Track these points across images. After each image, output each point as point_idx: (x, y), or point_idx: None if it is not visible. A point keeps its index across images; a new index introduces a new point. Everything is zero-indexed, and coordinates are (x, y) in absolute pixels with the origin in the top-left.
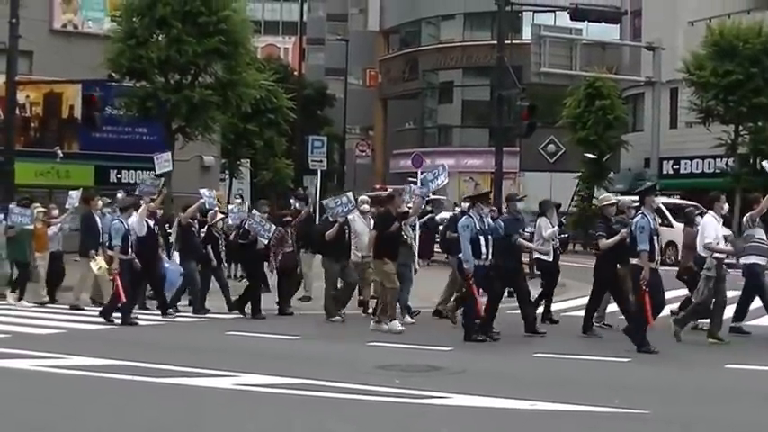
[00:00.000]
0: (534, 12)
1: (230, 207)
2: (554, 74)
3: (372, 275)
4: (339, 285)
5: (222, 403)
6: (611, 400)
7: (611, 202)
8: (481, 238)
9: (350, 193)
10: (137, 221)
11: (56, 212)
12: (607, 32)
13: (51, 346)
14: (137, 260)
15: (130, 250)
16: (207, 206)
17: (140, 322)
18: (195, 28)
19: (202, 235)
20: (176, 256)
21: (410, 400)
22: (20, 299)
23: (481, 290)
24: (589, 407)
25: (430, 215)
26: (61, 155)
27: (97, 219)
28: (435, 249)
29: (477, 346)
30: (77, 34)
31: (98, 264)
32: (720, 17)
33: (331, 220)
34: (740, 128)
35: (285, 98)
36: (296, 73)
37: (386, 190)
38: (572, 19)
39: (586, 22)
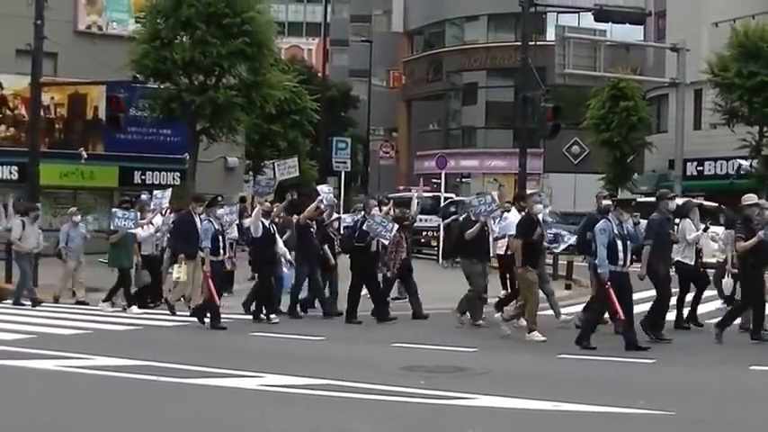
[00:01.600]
0: (558, 13)
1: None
2: (578, 75)
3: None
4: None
5: (247, 404)
6: (635, 402)
7: (752, 201)
8: (619, 242)
9: (495, 192)
10: (252, 222)
11: (154, 216)
12: (631, 33)
13: (76, 346)
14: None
15: (221, 252)
16: (325, 203)
17: (166, 323)
18: (219, 29)
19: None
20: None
21: (435, 401)
22: (129, 305)
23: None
24: (613, 408)
25: (453, 217)
26: (86, 156)
27: (197, 221)
28: None
29: (501, 347)
30: (102, 36)
31: (181, 270)
32: (745, 18)
33: (473, 219)
34: (765, 129)
35: (309, 99)
36: (320, 74)
37: (409, 191)
38: (596, 20)
39: (610, 23)
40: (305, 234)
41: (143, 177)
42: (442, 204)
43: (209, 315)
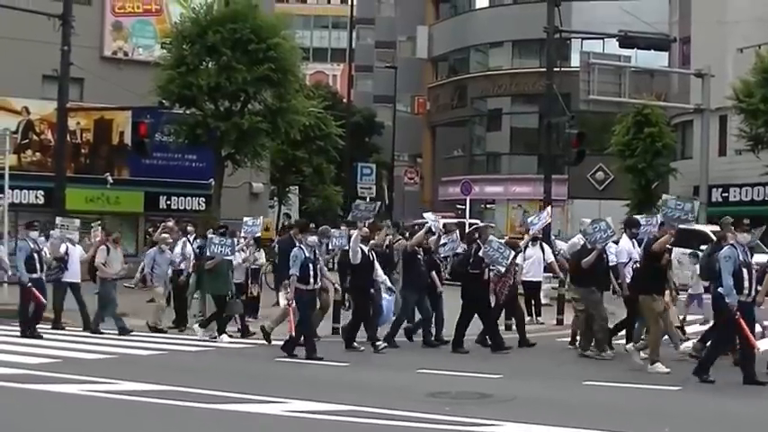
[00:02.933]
0: (583, 39)
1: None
2: (603, 101)
3: (578, 306)
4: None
5: (271, 429)
6: (660, 429)
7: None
8: (744, 270)
9: (609, 219)
10: (351, 249)
11: (246, 243)
12: (656, 59)
13: (101, 371)
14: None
15: (311, 280)
16: (434, 230)
17: (191, 348)
18: (245, 55)
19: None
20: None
21: (461, 428)
22: (221, 333)
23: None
24: None
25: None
26: (111, 181)
27: (303, 249)
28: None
29: (526, 374)
30: (127, 61)
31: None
32: None
33: (589, 247)
34: None
35: (334, 125)
36: (344, 100)
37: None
38: (621, 46)
39: (635, 49)
40: (413, 261)
41: (168, 203)
42: (467, 231)
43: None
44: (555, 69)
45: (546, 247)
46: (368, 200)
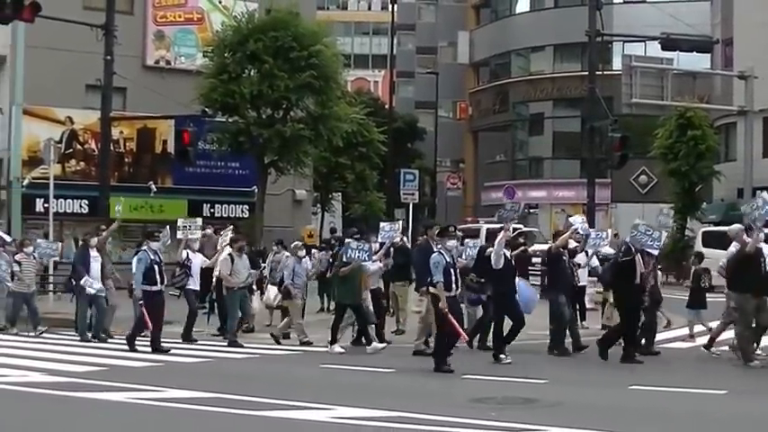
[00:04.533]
0: (624, 42)
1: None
2: (645, 104)
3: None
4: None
5: None
6: None
7: None
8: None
9: (765, 194)
10: (494, 252)
11: (375, 246)
12: (698, 62)
13: (148, 378)
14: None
15: (453, 286)
16: (581, 232)
17: (237, 355)
18: (287, 63)
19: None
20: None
21: None
22: (333, 342)
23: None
24: None
25: (522, 248)
26: (155, 189)
27: (443, 254)
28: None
29: (571, 379)
30: (170, 70)
31: (422, 303)
32: None
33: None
34: None
35: (376, 131)
36: (386, 106)
37: (477, 222)
38: (663, 49)
39: (677, 51)
40: (557, 262)
41: (212, 210)
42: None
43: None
44: (597, 73)
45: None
46: (411, 206)
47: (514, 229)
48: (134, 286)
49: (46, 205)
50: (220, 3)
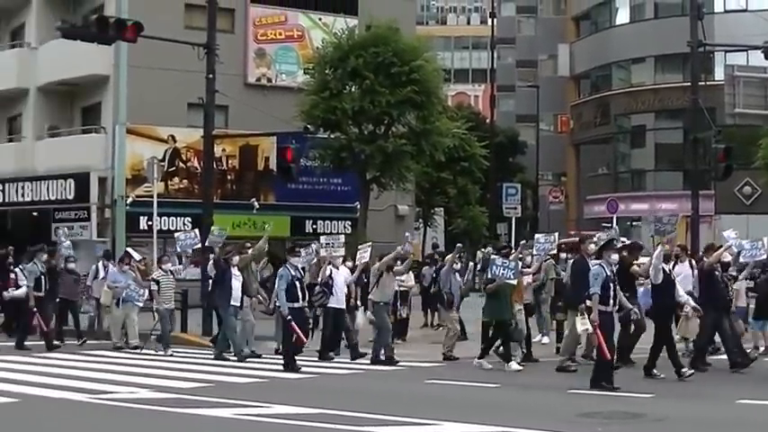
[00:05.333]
0: (726, 52)
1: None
2: (748, 114)
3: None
4: None
5: None
6: None
7: None
8: None
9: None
10: (653, 266)
11: (528, 259)
12: None
13: (253, 394)
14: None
15: (611, 301)
16: (735, 248)
17: (341, 371)
18: (388, 78)
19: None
20: None
21: None
22: (508, 360)
23: None
24: None
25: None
26: (257, 206)
27: (604, 267)
28: None
29: (677, 393)
30: (271, 87)
31: (585, 322)
32: None
33: None
34: None
35: (478, 146)
36: (487, 120)
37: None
38: (766, 58)
39: None
40: (711, 278)
41: (314, 227)
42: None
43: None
44: (699, 83)
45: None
46: (513, 220)
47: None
48: (278, 304)
49: (149, 223)
50: (320, 20)
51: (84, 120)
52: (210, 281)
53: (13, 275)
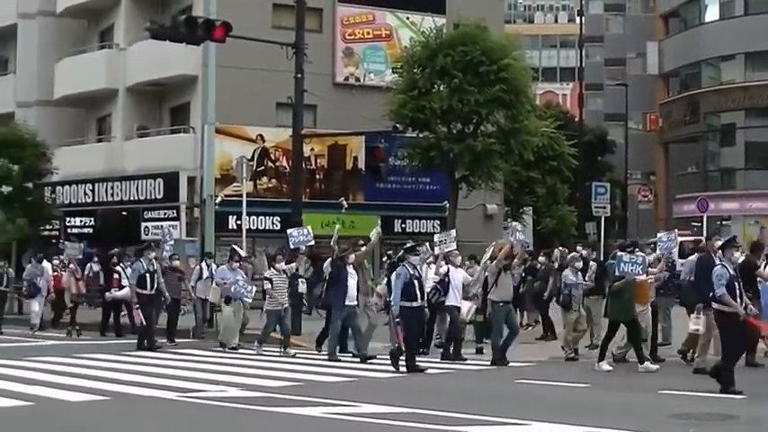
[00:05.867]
0: None
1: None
2: None
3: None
4: None
5: None
6: None
7: None
8: None
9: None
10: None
11: (650, 258)
12: None
13: (343, 393)
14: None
15: (738, 300)
16: None
17: (431, 371)
18: (476, 77)
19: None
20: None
21: None
22: (642, 361)
23: None
24: None
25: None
26: (346, 205)
27: (727, 267)
28: None
29: None
30: (359, 87)
31: (699, 321)
32: None
33: None
34: None
35: (566, 145)
36: (575, 119)
37: None
38: None
39: None
40: None
41: (403, 226)
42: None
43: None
44: None
45: None
46: (602, 220)
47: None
48: (392, 303)
49: (238, 222)
50: (408, 19)
51: (172, 120)
52: (325, 280)
53: (116, 275)
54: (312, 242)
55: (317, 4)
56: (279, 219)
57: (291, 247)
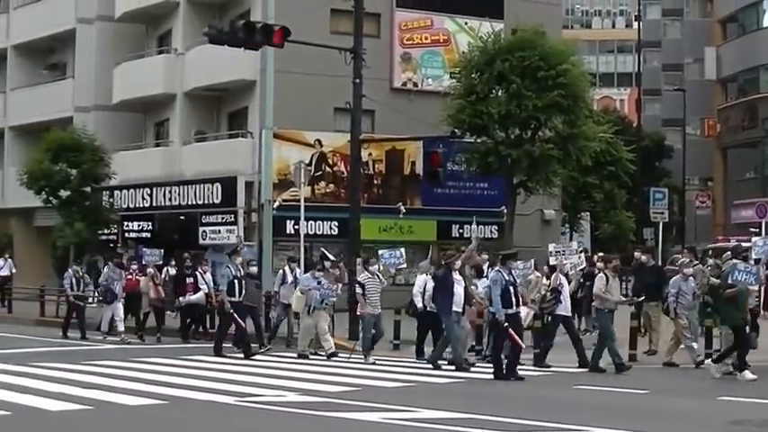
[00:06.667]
0: None
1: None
2: None
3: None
4: None
5: None
6: None
7: None
8: None
9: None
10: None
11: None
12: None
13: (401, 399)
14: None
15: None
16: None
17: (490, 376)
18: (534, 82)
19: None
20: None
21: None
22: (743, 368)
23: None
24: None
25: None
26: (404, 210)
27: None
28: None
29: None
30: (417, 92)
31: None
32: None
33: None
34: None
35: (624, 150)
36: (633, 125)
37: (728, 241)
38: None
39: None
40: None
41: (461, 231)
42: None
43: None
44: None
45: None
46: (660, 225)
47: None
48: (493, 309)
49: (296, 227)
50: (466, 24)
51: (230, 125)
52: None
53: (191, 279)
54: (404, 265)
55: (376, 10)
56: (336, 224)
57: (381, 268)
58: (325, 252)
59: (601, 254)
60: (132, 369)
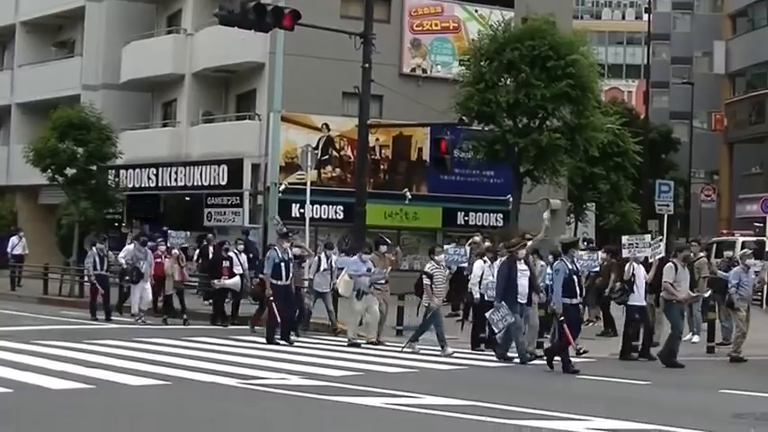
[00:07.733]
0: None
1: None
2: None
3: None
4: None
5: None
6: None
7: None
8: None
9: None
10: None
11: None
12: None
13: (403, 384)
14: None
15: None
16: None
17: (491, 364)
18: (543, 72)
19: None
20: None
21: None
22: None
23: None
24: None
25: None
26: (410, 197)
27: None
28: None
29: None
30: (426, 78)
31: None
32: None
33: None
34: None
35: (631, 142)
36: (640, 117)
37: (732, 235)
38: None
39: None
40: None
41: (466, 218)
42: (767, 249)
43: None
44: None
45: None
46: (665, 217)
47: None
48: (552, 300)
49: (301, 210)
50: (476, 11)
51: (238, 106)
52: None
53: (226, 263)
54: (465, 263)
55: None
56: (342, 208)
57: (443, 264)
58: (382, 236)
59: (607, 246)
60: (136, 349)
